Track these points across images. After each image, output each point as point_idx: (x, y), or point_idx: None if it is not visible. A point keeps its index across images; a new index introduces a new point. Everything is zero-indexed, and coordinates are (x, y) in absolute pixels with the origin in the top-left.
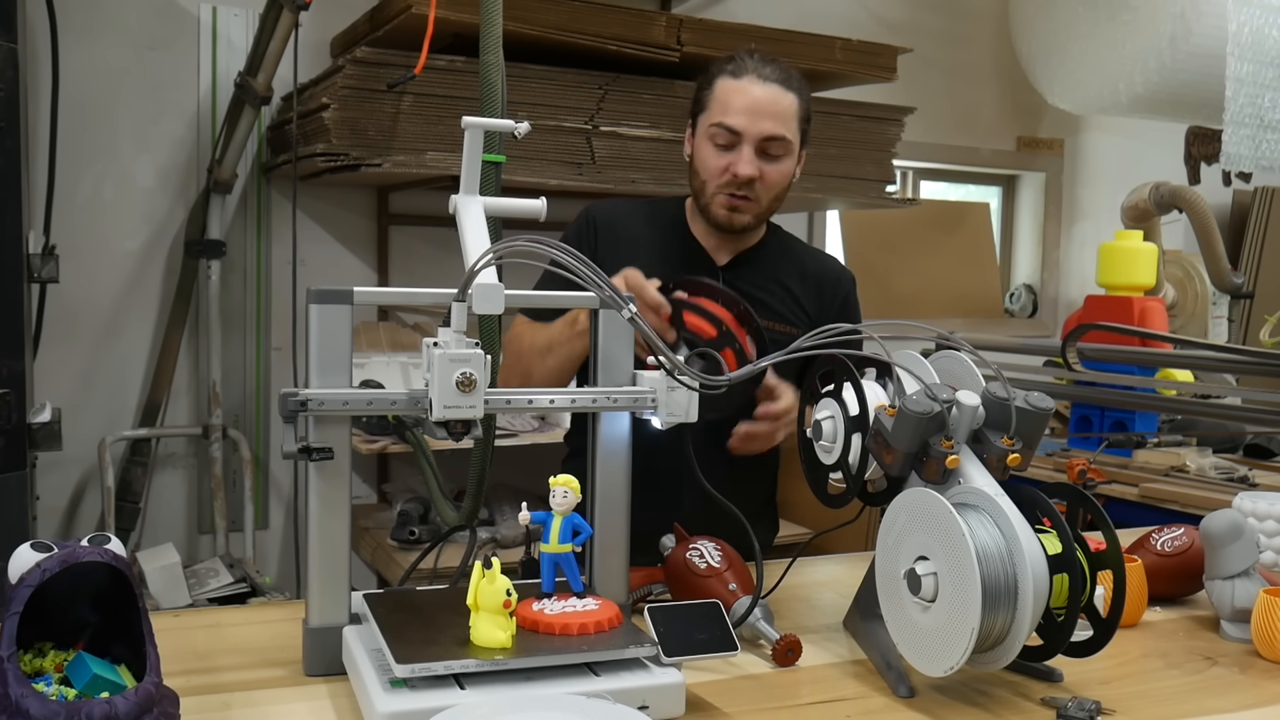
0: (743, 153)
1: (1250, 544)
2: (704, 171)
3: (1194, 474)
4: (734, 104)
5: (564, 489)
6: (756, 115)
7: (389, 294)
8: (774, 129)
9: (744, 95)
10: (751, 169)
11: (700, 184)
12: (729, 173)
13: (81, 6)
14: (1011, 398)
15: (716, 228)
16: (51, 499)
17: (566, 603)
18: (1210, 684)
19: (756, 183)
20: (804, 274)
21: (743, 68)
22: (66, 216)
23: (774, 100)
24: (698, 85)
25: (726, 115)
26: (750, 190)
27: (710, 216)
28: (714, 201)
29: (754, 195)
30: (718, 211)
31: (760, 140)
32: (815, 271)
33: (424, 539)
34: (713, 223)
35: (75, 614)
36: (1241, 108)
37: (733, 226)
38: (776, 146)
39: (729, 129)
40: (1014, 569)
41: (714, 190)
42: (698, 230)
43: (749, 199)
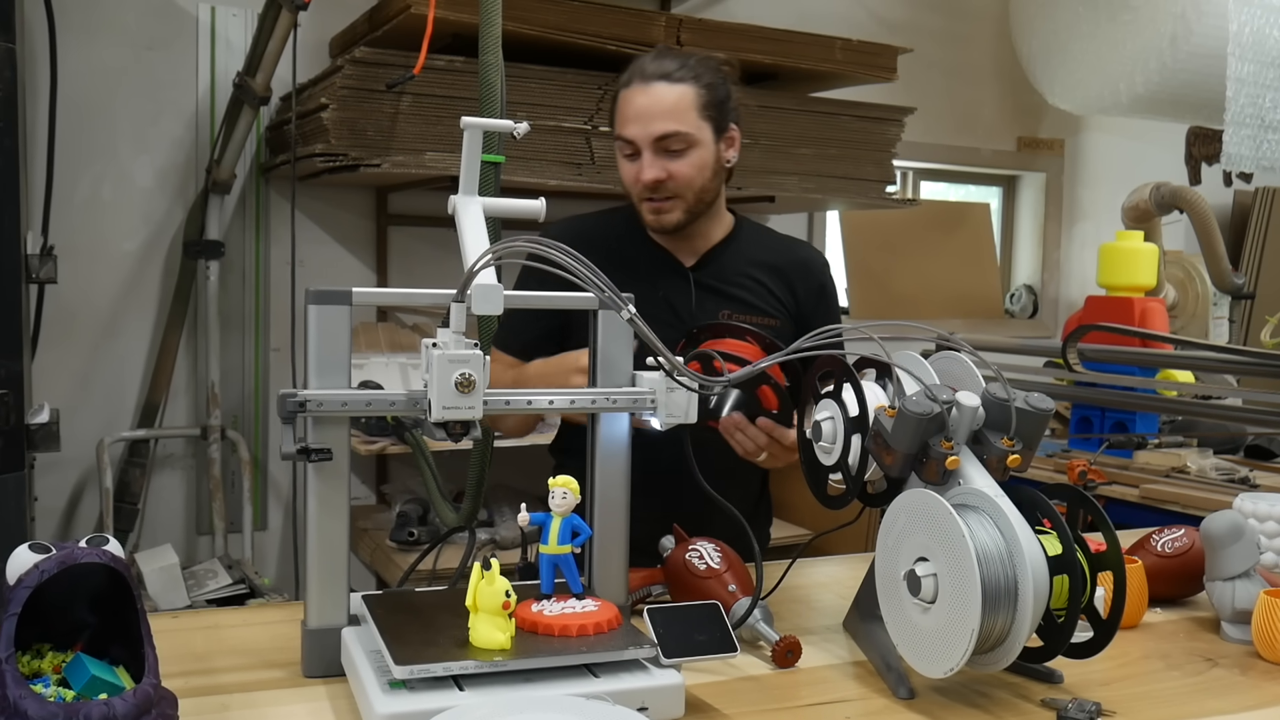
0: (644, 159)
1: (1251, 545)
2: (624, 184)
3: (1195, 475)
4: (625, 115)
5: (563, 490)
6: (644, 120)
7: (388, 295)
8: (664, 127)
9: (630, 104)
10: (655, 172)
11: (629, 196)
12: (640, 182)
13: (80, 6)
14: (1011, 398)
15: (656, 232)
16: (50, 500)
17: (565, 604)
18: (1211, 685)
19: (667, 183)
20: (776, 264)
21: (631, 76)
22: (65, 217)
23: (659, 99)
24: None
25: (622, 128)
26: (665, 190)
27: (646, 224)
28: (642, 209)
29: (671, 193)
30: (648, 218)
31: (654, 142)
32: (788, 260)
33: (423, 540)
34: (650, 229)
35: (73, 615)
36: (1242, 108)
37: (663, 228)
38: (674, 142)
39: (626, 140)
40: (1014, 570)
41: (637, 199)
42: (658, 235)
43: (668, 198)
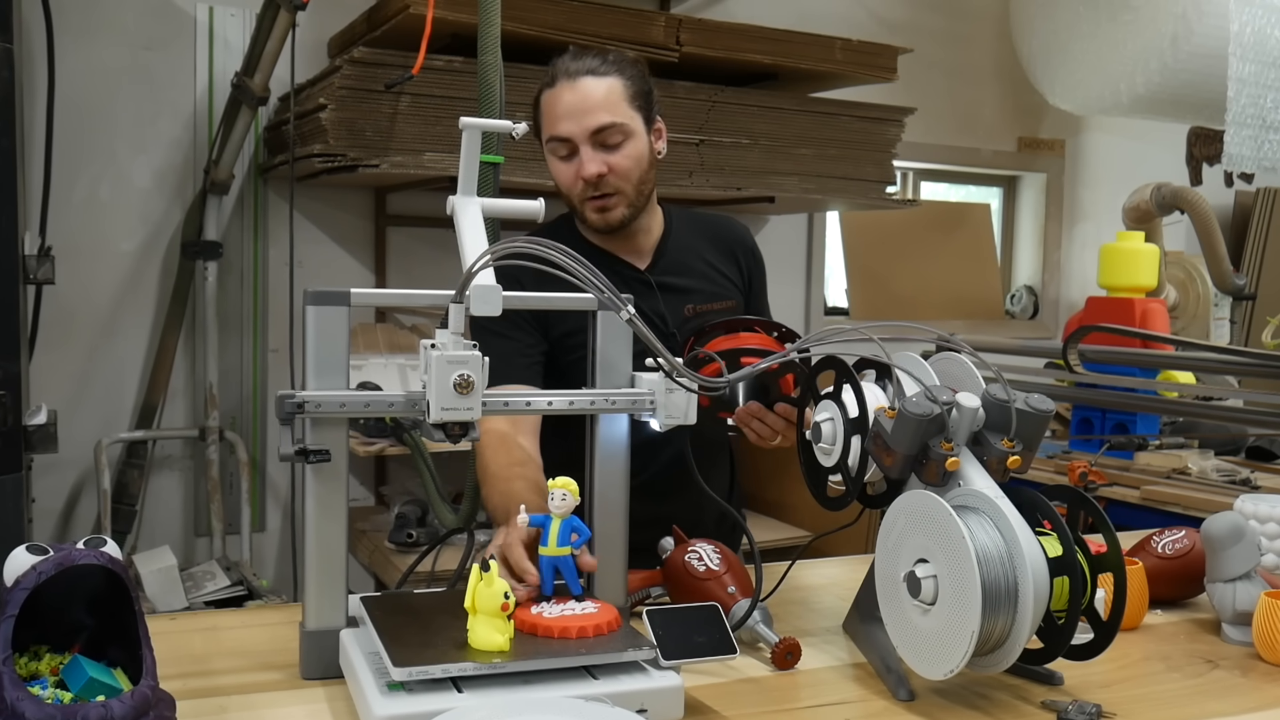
0: (582, 155)
1: (1251, 546)
2: (562, 187)
3: (1195, 476)
4: (555, 113)
5: (563, 492)
6: (578, 115)
7: (386, 295)
8: (600, 120)
9: (559, 101)
10: (596, 166)
11: (566, 199)
12: (579, 179)
13: (78, 6)
14: (1012, 400)
15: (600, 232)
16: (47, 501)
17: (565, 606)
18: (1211, 687)
19: (608, 177)
20: (716, 244)
21: (554, 74)
22: (62, 217)
23: (588, 92)
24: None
25: (553, 127)
26: (607, 185)
27: (590, 226)
28: (584, 210)
29: (613, 188)
30: (591, 218)
31: (591, 135)
32: (724, 237)
33: (422, 542)
34: (595, 230)
35: (71, 617)
36: (1243, 108)
37: (612, 226)
38: (611, 134)
39: (560, 139)
40: (1014, 572)
41: (578, 200)
42: (599, 240)
43: (611, 194)
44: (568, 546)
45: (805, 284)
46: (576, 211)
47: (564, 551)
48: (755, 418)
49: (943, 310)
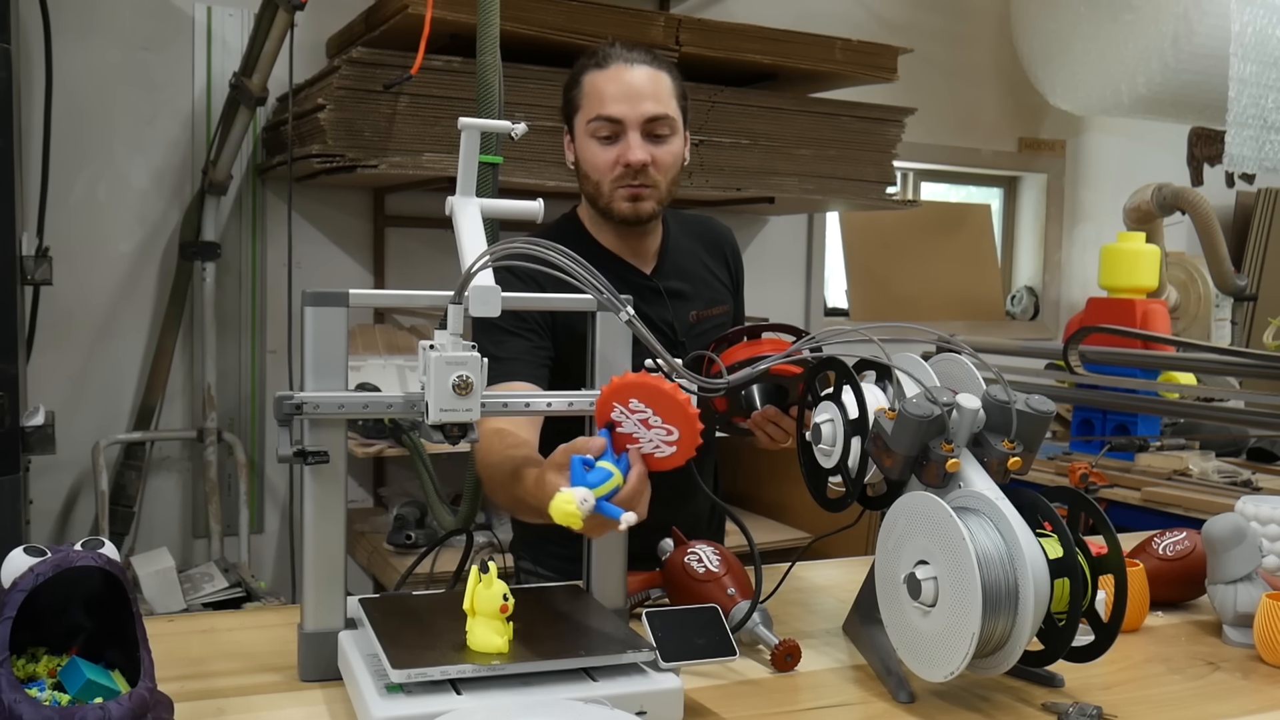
0: (630, 139)
1: (1253, 548)
2: (594, 171)
3: (1197, 478)
4: (609, 93)
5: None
6: (634, 99)
7: (385, 296)
8: (655, 108)
9: (617, 82)
10: (643, 154)
11: (594, 186)
12: (620, 164)
13: (75, 6)
14: (1012, 401)
15: (623, 223)
16: (45, 503)
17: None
18: (1212, 689)
19: (650, 168)
20: (709, 247)
21: (608, 57)
22: (60, 218)
23: (648, 80)
24: (565, 88)
25: (603, 106)
26: (646, 177)
27: (613, 214)
28: (614, 198)
29: (651, 181)
30: (620, 207)
31: (644, 123)
32: (712, 239)
33: (420, 543)
34: (618, 220)
35: (69, 619)
36: (1245, 108)
37: (640, 218)
38: (661, 126)
39: (610, 119)
40: (1015, 573)
41: (610, 187)
42: (608, 241)
43: (648, 185)
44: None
45: (805, 285)
46: (600, 200)
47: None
48: (771, 421)
49: (943, 311)
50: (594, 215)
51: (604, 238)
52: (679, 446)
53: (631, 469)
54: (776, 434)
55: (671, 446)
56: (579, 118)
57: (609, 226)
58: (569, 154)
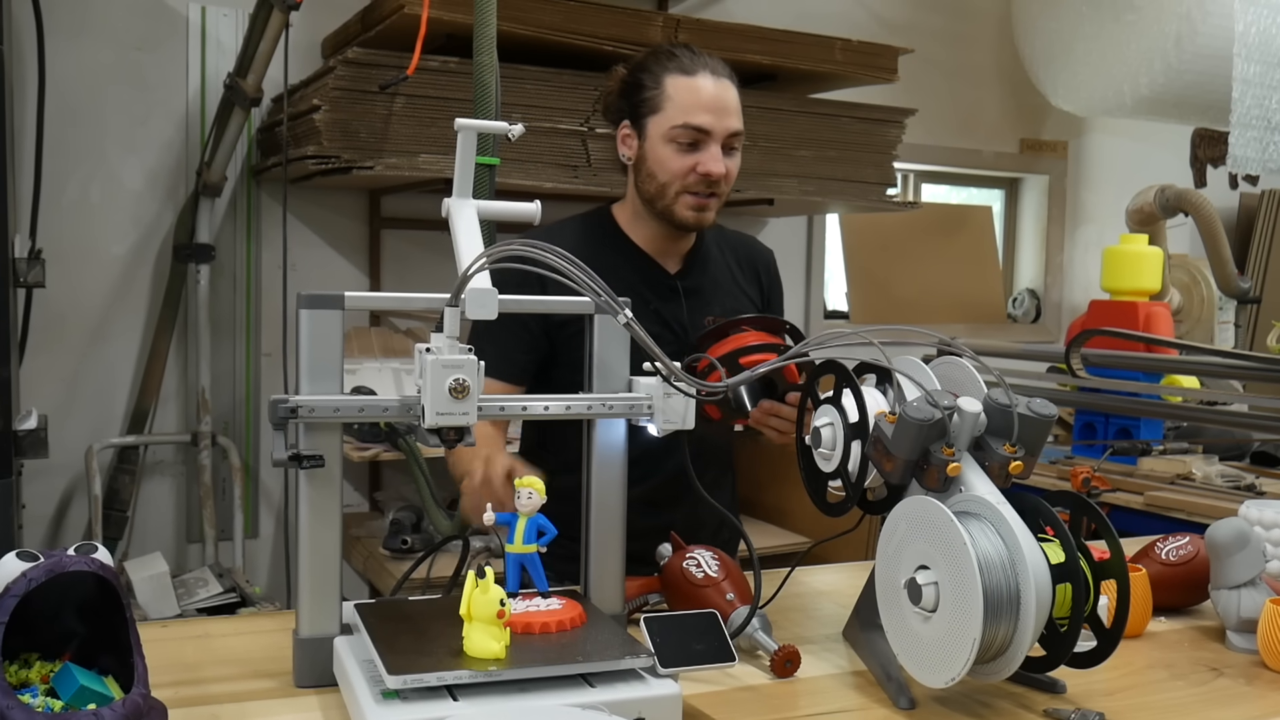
0: (712, 151)
1: (1256, 553)
2: (665, 174)
3: (1200, 482)
4: (695, 103)
5: (529, 490)
6: (720, 112)
7: (381, 299)
8: (736, 124)
9: (704, 93)
10: (722, 167)
11: (659, 187)
12: (696, 172)
13: (68, 6)
14: (1014, 404)
15: (681, 228)
16: (38, 507)
17: (530, 603)
18: (1216, 695)
19: (722, 180)
20: (741, 261)
21: (693, 63)
22: (53, 220)
23: (731, 95)
24: (633, 84)
25: (691, 115)
26: (717, 188)
27: (675, 219)
28: (678, 203)
29: (720, 192)
30: (684, 213)
31: (726, 136)
32: (747, 255)
33: (417, 548)
34: (677, 225)
35: (62, 624)
36: (1248, 109)
37: (701, 225)
38: (737, 141)
39: (697, 129)
40: (1016, 578)
41: (678, 191)
42: (642, 240)
43: (715, 196)
44: (534, 544)
45: (805, 287)
46: (661, 201)
47: (530, 549)
48: (771, 415)
49: (944, 314)
50: (635, 213)
51: (637, 235)
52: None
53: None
54: (781, 425)
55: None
56: (656, 119)
57: (649, 226)
58: (625, 149)
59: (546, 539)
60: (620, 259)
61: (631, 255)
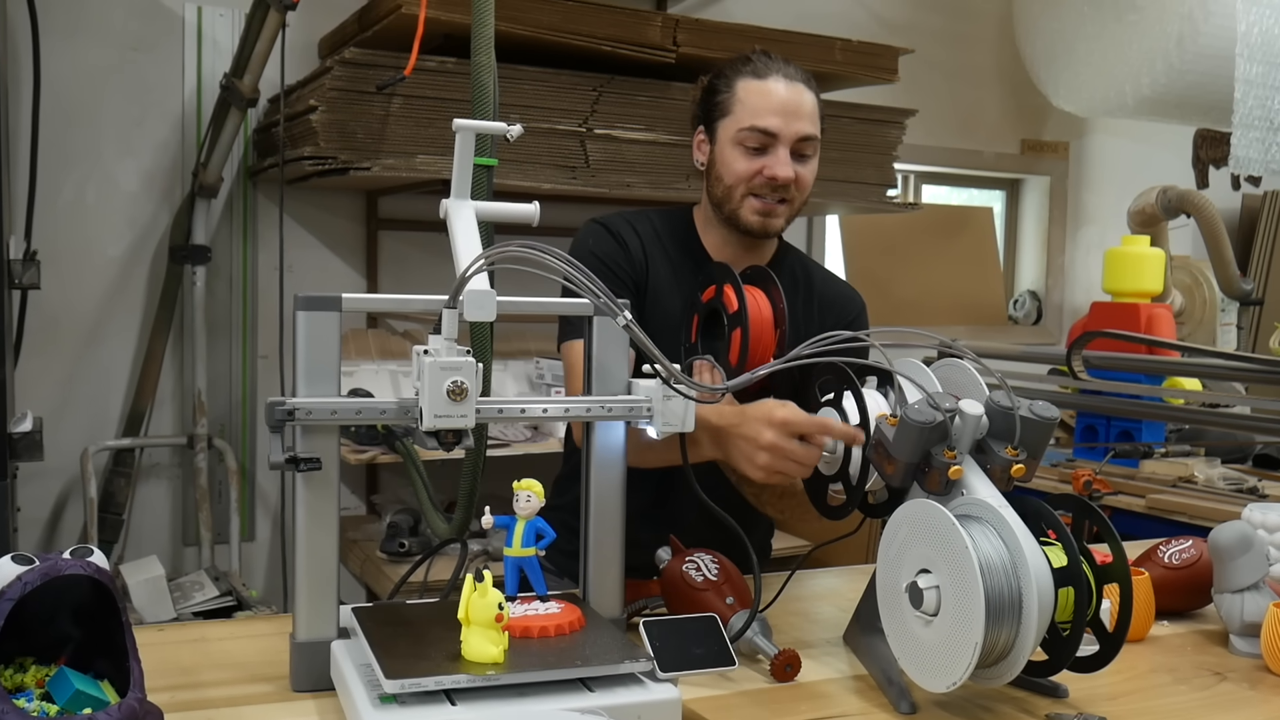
0: (779, 155)
1: (1260, 556)
2: (731, 177)
3: (1202, 485)
4: (765, 105)
5: (527, 493)
6: (790, 116)
7: (378, 300)
8: (808, 129)
9: (774, 96)
10: (789, 171)
11: (726, 190)
12: (763, 176)
13: (63, 6)
14: (1015, 407)
15: (747, 234)
16: (32, 510)
17: (528, 607)
18: (1219, 700)
19: (792, 185)
20: (810, 295)
21: (765, 68)
22: (48, 221)
23: (802, 99)
24: (709, 89)
25: (758, 118)
26: (786, 193)
27: (740, 223)
28: (744, 207)
29: (789, 198)
30: (749, 218)
31: (795, 141)
32: (823, 293)
33: (414, 551)
34: (743, 230)
35: (57, 628)
36: (1251, 110)
37: (767, 232)
38: (809, 146)
39: (764, 131)
40: (1018, 582)
41: (743, 194)
42: (711, 246)
43: (784, 201)
44: (532, 548)
45: None
46: (728, 205)
47: (529, 553)
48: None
49: (945, 316)
50: (709, 217)
51: (709, 240)
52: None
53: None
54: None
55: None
56: (726, 122)
57: (721, 232)
58: (698, 154)
59: (545, 543)
60: (687, 259)
61: (696, 258)
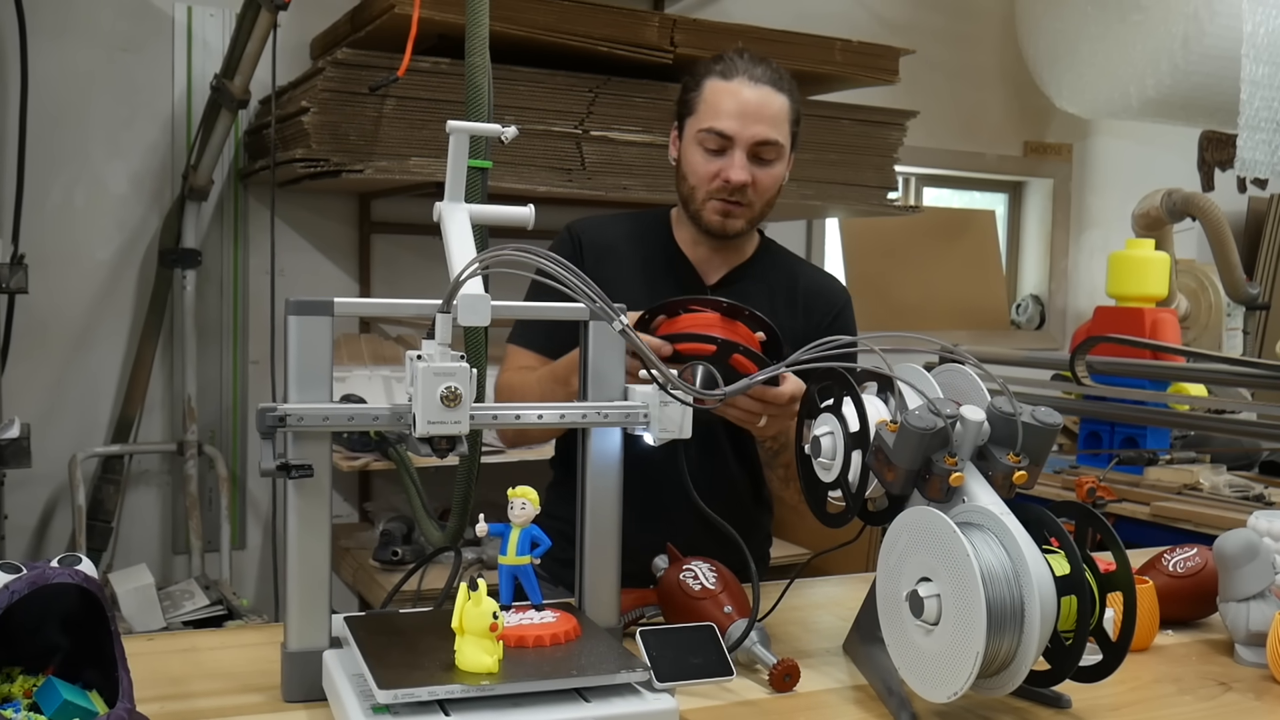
0: (734, 158)
1: (1266, 565)
2: (693, 177)
3: (1207, 492)
4: (725, 107)
5: (522, 501)
6: (748, 119)
7: (371, 305)
8: (766, 133)
9: (735, 98)
10: (744, 175)
11: (689, 190)
12: (720, 178)
13: (52, 6)
14: (1018, 413)
15: (708, 234)
16: (20, 518)
17: (523, 616)
18: (1224, 710)
19: (749, 188)
20: (794, 290)
21: (733, 69)
22: (36, 224)
23: (765, 103)
24: (684, 86)
25: (717, 119)
26: (742, 196)
27: (701, 223)
28: (705, 208)
29: (746, 200)
30: (710, 218)
31: (752, 145)
32: (806, 288)
33: (407, 560)
34: (704, 230)
35: (45, 637)
36: (1257, 111)
37: (726, 233)
38: (768, 151)
39: (720, 133)
40: (1020, 591)
41: (704, 196)
42: (685, 245)
43: (741, 204)
44: (527, 556)
45: None
46: (691, 204)
47: (523, 560)
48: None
49: (946, 320)
50: (679, 216)
51: (682, 238)
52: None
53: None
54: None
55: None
56: (691, 121)
57: (689, 231)
58: (672, 149)
59: (540, 551)
60: (661, 260)
61: (670, 258)
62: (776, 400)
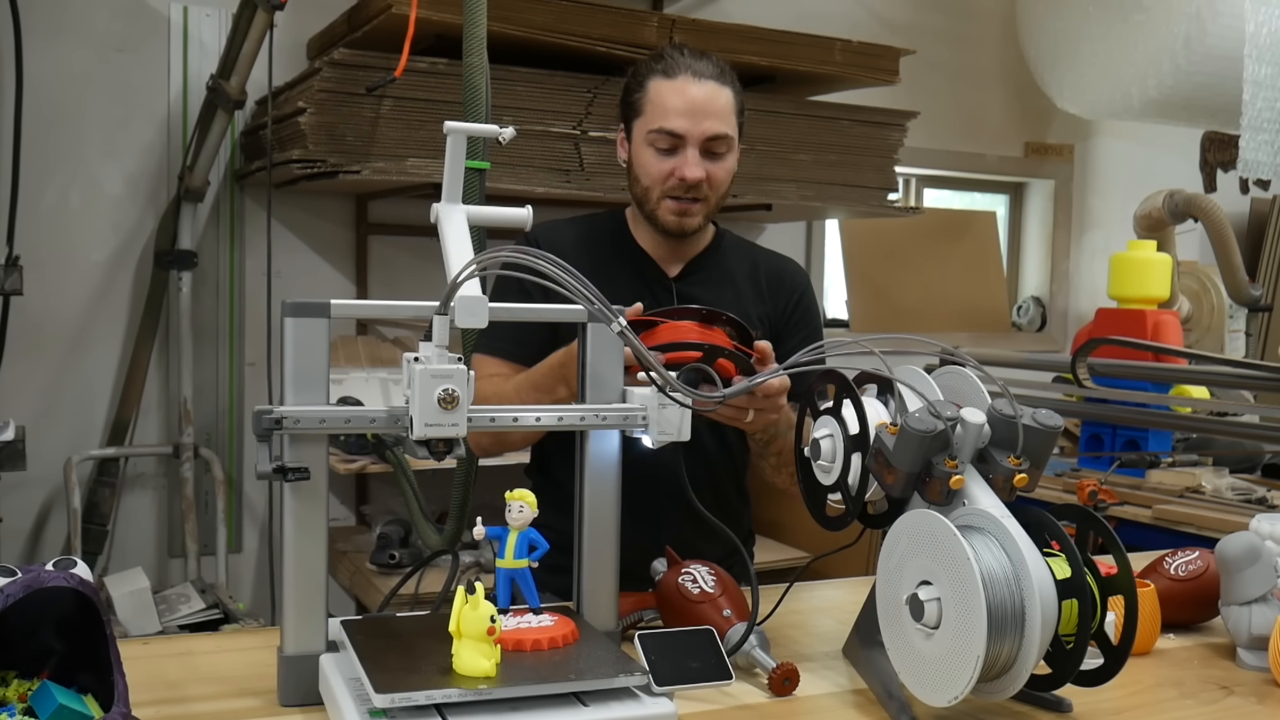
0: (687, 155)
1: (1268, 568)
2: (646, 178)
3: (1210, 495)
4: (672, 106)
5: (520, 504)
6: (698, 116)
7: (368, 307)
8: (716, 127)
9: (681, 96)
10: (699, 171)
11: (643, 190)
12: (675, 177)
13: (47, 7)
14: (1019, 415)
15: (666, 234)
16: (15, 521)
17: (521, 619)
18: (1226, 714)
19: (704, 184)
20: (755, 275)
21: (675, 66)
22: (31, 226)
23: (712, 98)
24: (626, 88)
25: (666, 119)
26: (698, 192)
27: (658, 223)
28: (660, 207)
29: (702, 196)
30: (666, 217)
31: (704, 141)
32: (768, 272)
33: (405, 563)
34: (661, 229)
35: (40, 641)
36: (1259, 112)
37: (684, 231)
38: (720, 145)
39: (671, 133)
40: (1021, 594)
41: (660, 195)
42: (644, 242)
43: (697, 200)
44: (525, 559)
45: None
46: (646, 205)
47: (521, 564)
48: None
49: (947, 322)
50: (635, 215)
51: (641, 237)
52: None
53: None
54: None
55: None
56: (639, 123)
57: (649, 229)
58: (621, 152)
59: (538, 554)
60: (618, 258)
61: (630, 255)
62: (766, 393)
